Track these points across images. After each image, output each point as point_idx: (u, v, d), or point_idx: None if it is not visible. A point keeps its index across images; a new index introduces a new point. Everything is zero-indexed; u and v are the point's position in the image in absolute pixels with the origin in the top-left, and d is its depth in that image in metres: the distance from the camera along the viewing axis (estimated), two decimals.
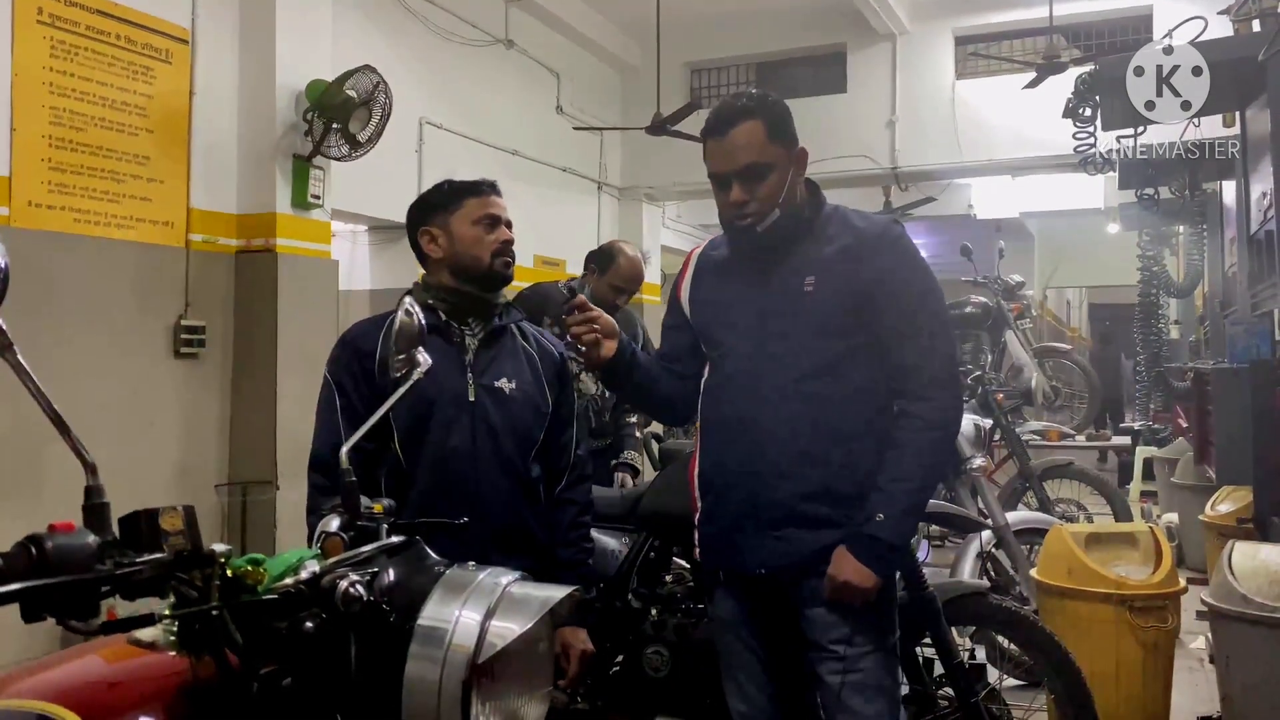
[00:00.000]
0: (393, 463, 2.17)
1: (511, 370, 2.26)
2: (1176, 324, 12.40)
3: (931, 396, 2.01)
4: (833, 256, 2.06)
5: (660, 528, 3.03)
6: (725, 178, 2.09)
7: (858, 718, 2.01)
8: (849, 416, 2.04)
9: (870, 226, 2.10)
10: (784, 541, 2.04)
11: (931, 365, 2.02)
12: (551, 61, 8.27)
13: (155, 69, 4.74)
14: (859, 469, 2.02)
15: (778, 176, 2.06)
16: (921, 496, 2.03)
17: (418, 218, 2.31)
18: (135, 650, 1.28)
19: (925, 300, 2.06)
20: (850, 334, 2.04)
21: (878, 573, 1.97)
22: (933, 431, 2.01)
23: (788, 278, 2.08)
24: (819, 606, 2.03)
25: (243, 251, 5.11)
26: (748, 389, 2.09)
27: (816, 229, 2.11)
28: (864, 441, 2.03)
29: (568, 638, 2.26)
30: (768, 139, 2.06)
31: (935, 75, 8.58)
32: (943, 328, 2.10)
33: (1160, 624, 3.42)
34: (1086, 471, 6.07)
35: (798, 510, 2.03)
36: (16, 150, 4.13)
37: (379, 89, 5.05)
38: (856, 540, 1.98)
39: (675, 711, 2.90)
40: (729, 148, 2.08)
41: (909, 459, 1.99)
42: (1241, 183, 5.78)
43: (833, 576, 1.98)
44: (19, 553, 1.03)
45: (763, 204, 2.06)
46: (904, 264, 2.07)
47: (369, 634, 1.25)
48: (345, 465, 1.48)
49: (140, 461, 4.55)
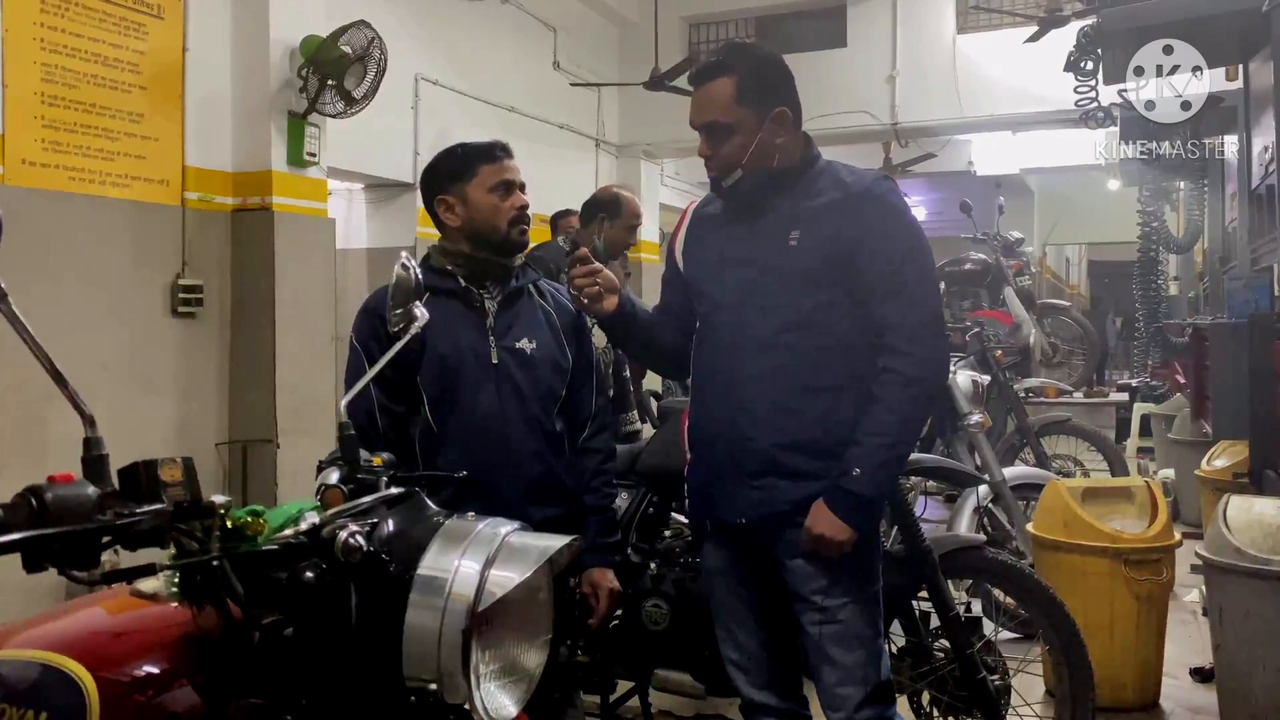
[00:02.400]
0: (423, 427, 2.20)
1: (531, 330, 2.29)
2: (1176, 280, 12.39)
3: (911, 351, 2.00)
4: (819, 210, 2.06)
5: (658, 483, 3.04)
6: (695, 129, 2.12)
7: (838, 667, 2.05)
8: (829, 369, 2.04)
9: (857, 181, 2.09)
10: (763, 491, 2.06)
11: (913, 320, 2.01)
12: (548, 16, 8.18)
13: (147, 25, 4.69)
14: (839, 422, 2.02)
15: (740, 140, 2.06)
16: (898, 451, 2.03)
17: (433, 185, 2.30)
18: (138, 601, 1.29)
19: (910, 256, 2.04)
20: (833, 287, 2.04)
21: (852, 526, 1.98)
22: (911, 387, 2.01)
23: (773, 231, 2.09)
24: (798, 558, 2.05)
25: (239, 210, 5.08)
26: (731, 341, 2.10)
27: (805, 183, 2.11)
28: (844, 395, 2.03)
29: (596, 578, 2.33)
30: (735, 100, 2.05)
31: (936, 29, 8.49)
32: (927, 283, 2.09)
33: (1155, 577, 3.45)
34: (1083, 427, 6.09)
35: (776, 461, 2.04)
36: (9, 107, 4.10)
37: (374, 44, 4.99)
38: (833, 493, 1.99)
39: (674, 664, 2.94)
40: (700, 101, 2.10)
41: (886, 413, 1.99)
42: (1243, 137, 5.75)
43: (808, 529, 2.00)
44: (19, 503, 1.03)
45: (722, 163, 2.08)
46: (889, 219, 2.05)
47: (369, 584, 1.26)
48: (344, 419, 1.49)
49: (139, 421, 4.56)
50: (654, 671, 2.96)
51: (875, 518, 2.11)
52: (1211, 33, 4.92)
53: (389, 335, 1.97)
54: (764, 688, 2.18)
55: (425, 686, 1.24)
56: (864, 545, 2.05)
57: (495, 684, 1.29)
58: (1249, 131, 5.58)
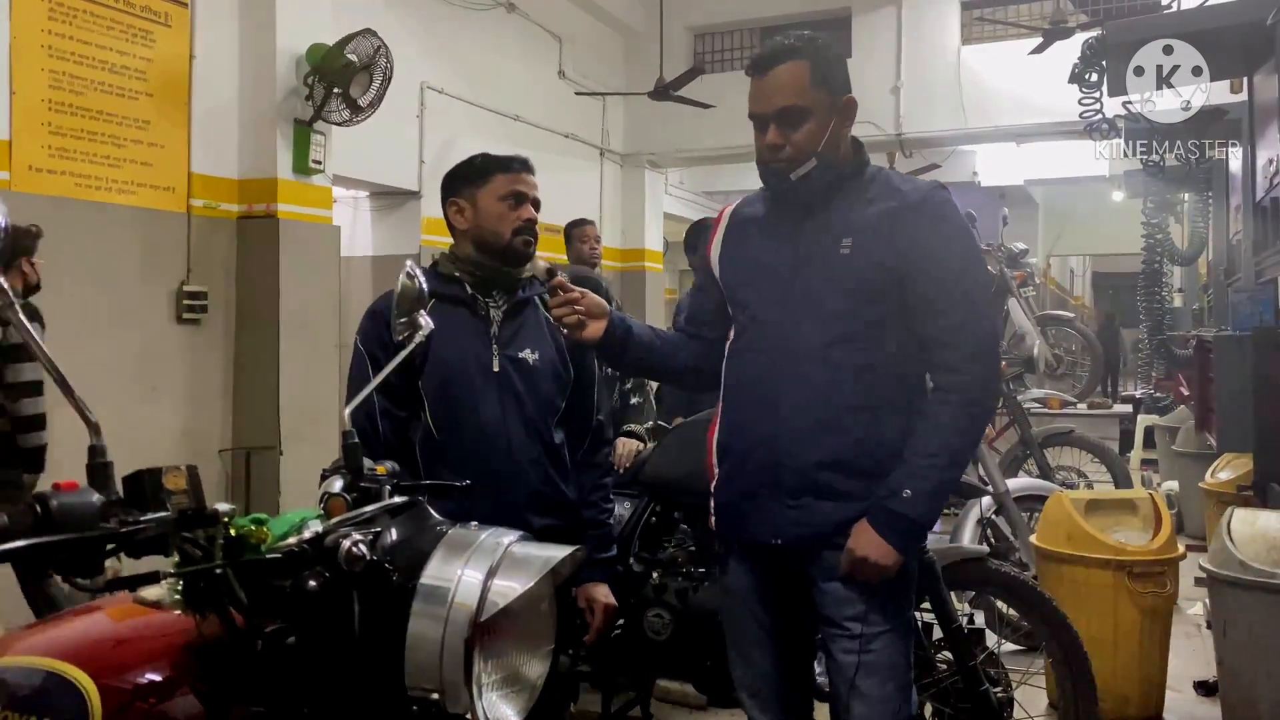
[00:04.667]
0: (424, 432, 2.21)
1: (534, 341, 2.29)
2: (1180, 292, 12.38)
3: (965, 370, 1.90)
4: (874, 219, 1.95)
5: (661, 493, 3.04)
6: (763, 119, 1.98)
7: (868, 700, 1.94)
8: (876, 387, 1.94)
9: (914, 190, 1.98)
10: (801, 511, 1.95)
11: (967, 339, 1.91)
12: (553, 25, 8.20)
13: (154, 32, 4.71)
14: (883, 442, 1.92)
15: (816, 123, 1.95)
16: (950, 474, 1.92)
17: (448, 188, 2.34)
18: (141, 609, 1.29)
19: (965, 271, 1.94)
20: (884, 301, 1.94)
21: (899, 550, 1.87)
22: (969, 408, 1.91)
23: (824, 237, 1.98)
24: (834, 581, 1.95)
25: (244, 217, 5.10)
26: (772, 352, 1.99)
27: (858, 189, 2.00)
28: (890, 414, 1.94)
29: (592, 592, 2.32)
30: (810, 83, 1.95)
31: (940, 40, 8.51)
32: (981, 300, 1.98)
33: (1158, 590, 3.44)
34: (1087, 439, 6.08)
35: (815, 480, 1.94)
36: (16, 114, 4.11)
37: (380, 53, 5.01)
38: (879, 515, 1.88)
39: (675, 674, 2.93)
40: (768, 88, 1.97)
41: (940, 434, 1.89)
42: (1248, 149, 5.75)
43: (850, 551, 1.89)
44: (24, 510, 1.04)
45: (797, 150, 1.95)
46: (945, 232, 1.94)
47: (372, 593, 1.26)
48: (348, 426, 1.49)
49: (143, 427, 4.57)
50: (656, 681, 2.96)
51: (921, 541, 2.02)
52: (1216, 45, 4.93)
53: (394, 340, 1.98)
54: (773, 713, 2.10)
55: (428, 696, 1.24)
56: (902, 571, 1.94)
57: (498, 694, 1.29)
58: (1254, 144, 5.58)
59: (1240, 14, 4.90)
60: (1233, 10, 5.06)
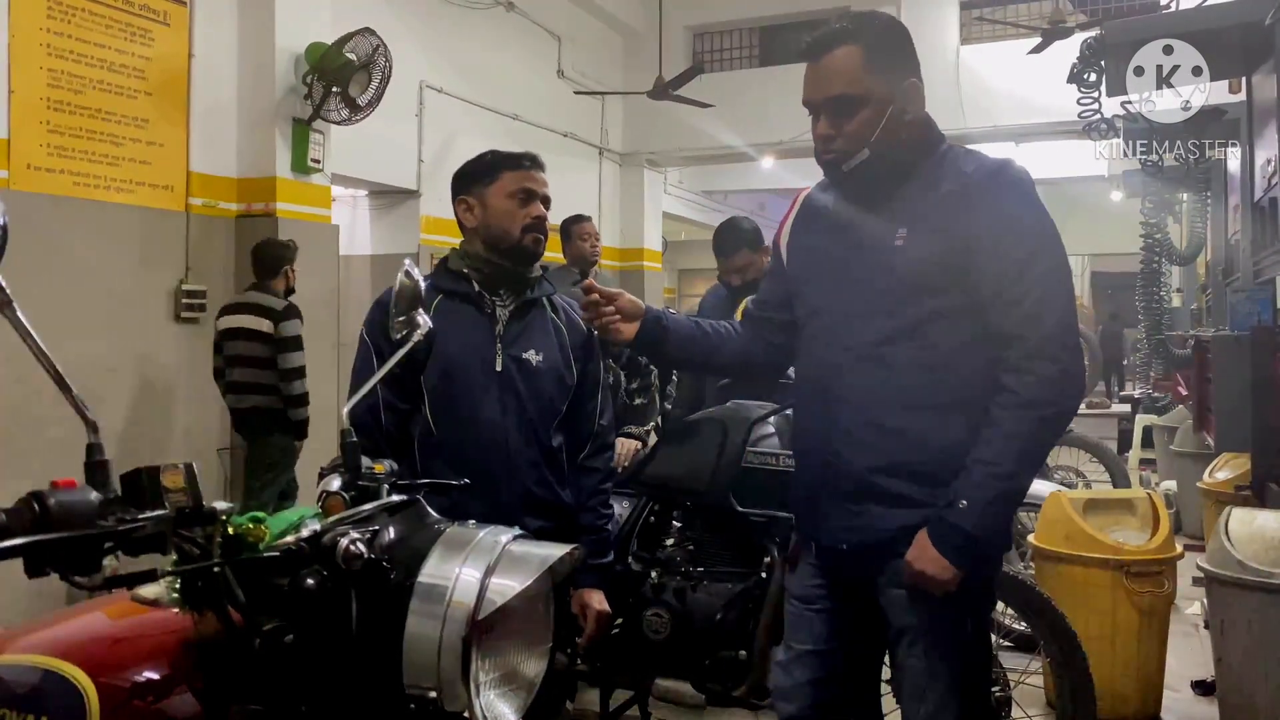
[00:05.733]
0: (424, 427, 2.20)
1: (539, 343, 2.28)
2: (1178, 292, 12.38)
3: (1034, 369, 1.74)
4: (933, 205, 1.82)
5: (660, 492, 3.04)
6: (815, 107, 1.88)
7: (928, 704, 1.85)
8: (936, 386, 1.81)
9: (979, 169, 1.84)
10: (862, 517, 1.86)
11: (1037, 333, 1.75)
12: (552, 24, 8.20)
13: (153, 31, 4.71)
14: (944, 445, 1.80)
15: (871, 112, 1.82)
16: (1014, 484, 1.78)
17: (457, 186, 2.33)
18: (139, 607, 1.29)
19: (1037, 256, 1.78)
20: (944, 294, 1.80)
21: (956, 564, 1.74)
22: (1032, 410, 1.74)
23: (878, 228, 1.86)
24: (899, 589, 1.84)
25: (243, 216, 5.10)
26: (827, 349, 1.91)
27: (923, 173, 1.87)
28: (953, 415, 1.81)
29: (586, 598, 2.31)
30: (864, 68, 1.81)
31: (939, 40, 8.51)
32: (1056, 290, 1.80)
33: (1156, 589, 3.44)
34: (1086, 438, 6.08)
35: (872, 484, 1.84)
36: (15, 112, 4.11)
37: (379, 52, 5.01)
38: (935, 526, 1.76)
39: (674, 674, 2.93)
40: (820, 74, 1.85)
41: (1001, 439, 1.74)
42: (1246, 149, 5.75)
43: (909, 564, 1.79)
44: (22, 509, 1.03)
45: (849, 141, 1.84)
46: (1010, 214, 1.79)
47: (370, 591, 1.26)
48: (347, 425, 1.49)
49: (141, 425, 4.57)
50: (654, 681, 2.95)
51: (986, 556, 1.86)
52: (1215, 45, 4.92)
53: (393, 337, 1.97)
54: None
55: (425, 694, 1.24)
56: (971, 581, 1.79)
57: (495, 692, 1.29)
58: (1252, 144, 5.59)
59: (1239, 14, 4.90)
60: (1232, 10, 5.06)
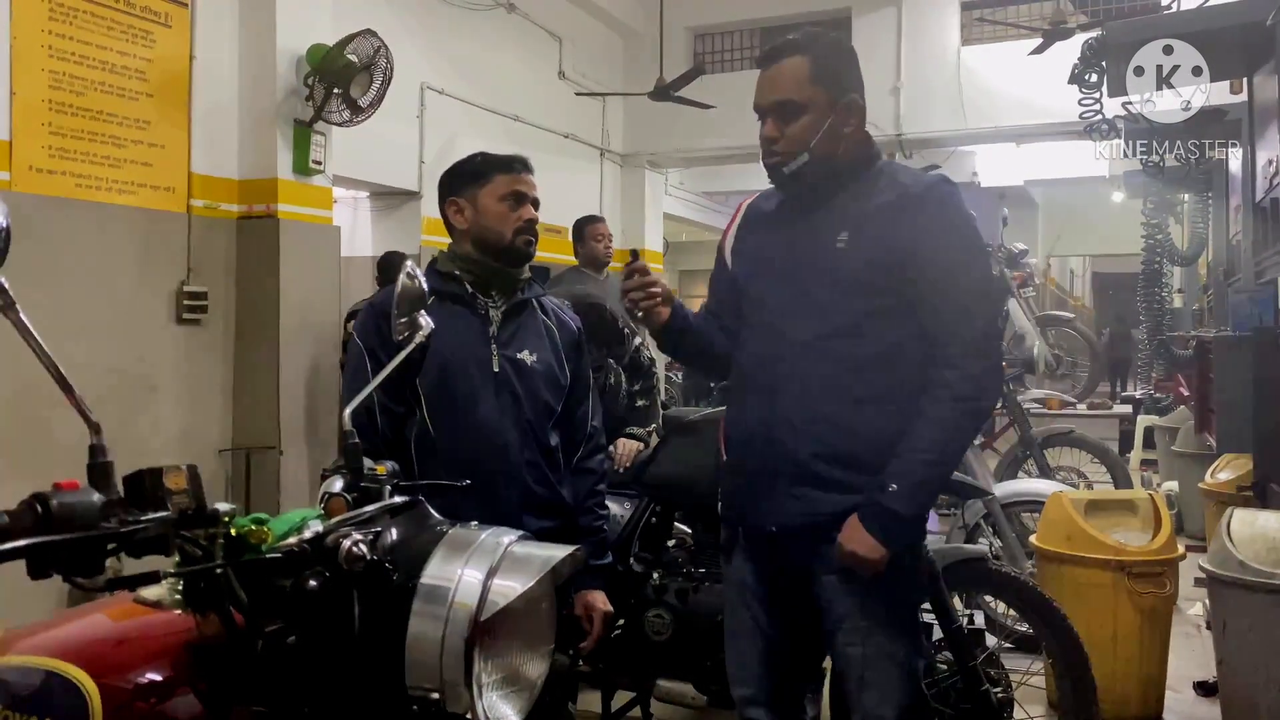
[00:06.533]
0: (420, 429, 2.20)
1: (533, 343, 2.29)
2: (1180, 292, 12.38)
3: (961, 365, 1.90)
4: (871, 212, 1.97)
5: (662, 493, 3.04)
6: (763, 111, 2.04)
7: (870, 688, 1.97)
8: (874, 379, 1.95)
9: (916, 183, 2.00)
10: (798, 501, 1.98)
11: (965, 332, 1.92)
12: (553, 25, 8.20)
13: (155, 33, 4.71)
14: (882, 435, 1.93)
15: (812, 119, 1.98)
16: (939, 470, 1.95)
17: (447, 187, 2.33)
18: (141, 608, 1.30)
19: (968, 264, 1.96)
20: (881, 294, 1.95)
21: (885, 545, 1.88)
22: (961, 403, 1.90)
23: (822, 231, 2.01)
24: (833, 575, 1.97)
25: (244, 217, 5.09)
26: (771, 343, 2.03)
27: (862, 183, 2.02)
28: (889, 407, 1.94)
29: (589, 599, 2.31)
30: (809, 78, 1.98)
31: (940, 41, 8.51)
32: (981, 294, 1.99)
33: (1158, 590, 3.44)
34: (1087, 439, 6.08)
35: (811, 470, 1.96)
36: (17, 114, 4.11)
37: (380, 53, 5.01)
38: (867, 509, 1.90)
39: (676, 674, 2.93)
40: (769, 81, 2.03)
41: (930, 429, 1.90)
42: (1248, 149, 5.75)
43: (840, 545, 1.92)
44: (25, 510, 1.04)
45: (790, 144, 1.99)
46: (946, 224, 1.95)
47: (372, 592, 1.26)
48: (348, 427, 1.49)
49: (144, 428, 4.57)
50: (656, 682, 2.96)
51: (912, 536, 2.01)
52: (1216, 46, 4.93)
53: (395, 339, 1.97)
54: (761, 704, 2.12)
55: (428, 696, 1.24)
56: (902, 563, 1.95)
57: (498, 694, 1.29)
58: (1253, 144, 5.59)
59: (1240, 14, 4.90)
60: (1233, 10, 5.06)
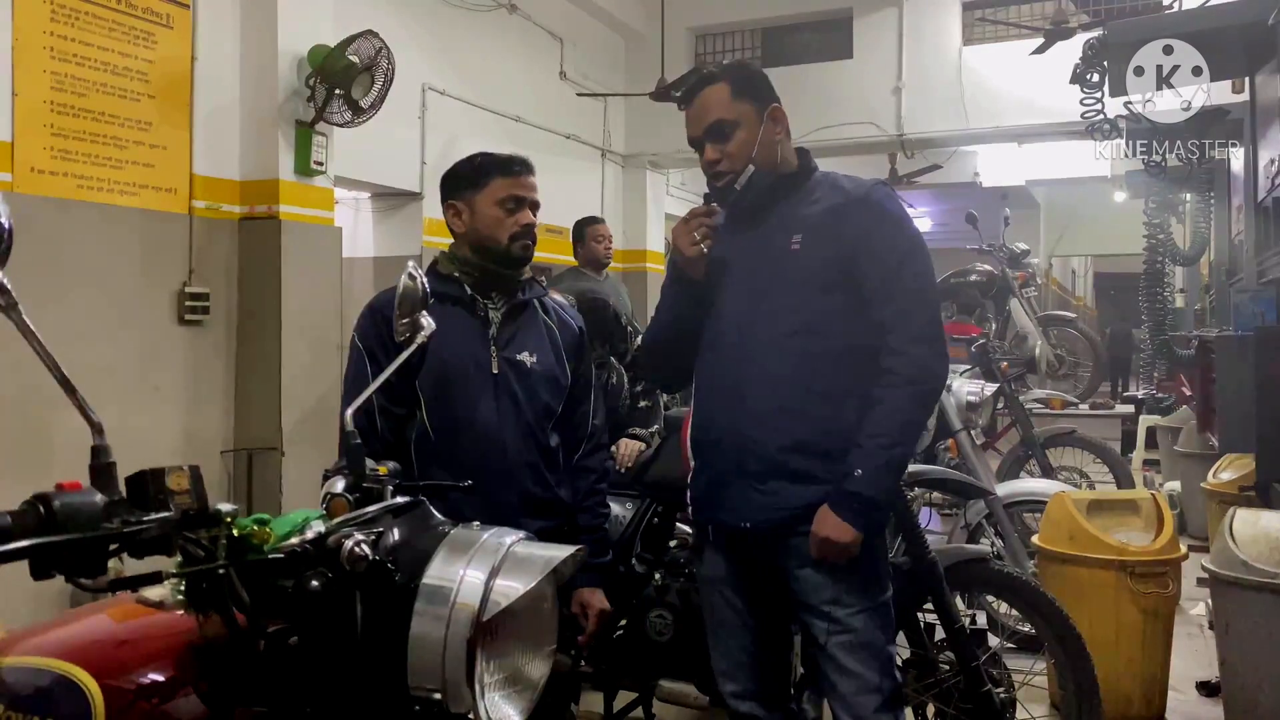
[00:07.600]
0: (420, 431, 2.20)
1: (533, 344, 2.30)
2: (1182, 292, 12.38)
3: (909, 352, 2.02)
4: (819, 216, 2.10)
5: (663, 494, 3.04)
6: (699, 141, 2.16)
7: (850, 677, 2.04)
8: (834, 373, 2.06)
9: (856, 187, 2.13)
10: (769, 495, 2.06)
11: (911, 322, 2.04)
12: (555, 26, 8.20)
13: (156, 34, 4.71)
14: (844, 426, 2.03)
15: (746, 132, 2.12)
16: (898, 452, 2.04)
17: (446, 189, 2.33)
18: (144, 609, 1.30)
19: (909, 259, 2.07)
20: (836, 292, 2.07)
21: (856, 528, 1.98)
22: (910, 386, 2.02)
23: (776, 236, 2.12)
24: (807, 566, 2.05)
25: (246, 218, 5.10)
26: (735, 345, 2.12)
27: (805, 191, 2.16)
28: (849, 399, 2.05)
29: (586, 597, 2.33)
30: (732, 98, 2.12)
31: (942, 41, 8.50)
32: (925, 287, 2.11)
33: (1161, 590, 3.43)
34: (1089, 439, 6.08)
35: (780, 463, 2.05)
36: (19, 115, 4.12)
37: (381, 54, 5.01)
38: (836, 496, 2.00)
39: (678, 675, 2.93)
40: (697, 112, 2.15)
41: (885, 414, 2.01)
42: (1250, 149, 5.74)
43: (814, 533, 2.00)
44: (27, 511, 1.04)
45: (734, 160, 2.12)
46: (887, 224, 2.09)
47: (374, 593, 1.26)
48: (350, 428, 1.49)
49: (145, 428, 4.57)
50: (658, 682, 2.95)
51: (880, 520, 2.12)
52: (1218, 45, 4.92)
53: (392, 337, 1.98)
54: (751, 698, 2.19)
55: (430, 696, 1.24)
56: (871, 552, 2.05)
57: (500, 694, 1.29)
58: (1255, 144, 5.58)
59: (1241, 14, 4.89)
60: (1234, 10, 5.05)
